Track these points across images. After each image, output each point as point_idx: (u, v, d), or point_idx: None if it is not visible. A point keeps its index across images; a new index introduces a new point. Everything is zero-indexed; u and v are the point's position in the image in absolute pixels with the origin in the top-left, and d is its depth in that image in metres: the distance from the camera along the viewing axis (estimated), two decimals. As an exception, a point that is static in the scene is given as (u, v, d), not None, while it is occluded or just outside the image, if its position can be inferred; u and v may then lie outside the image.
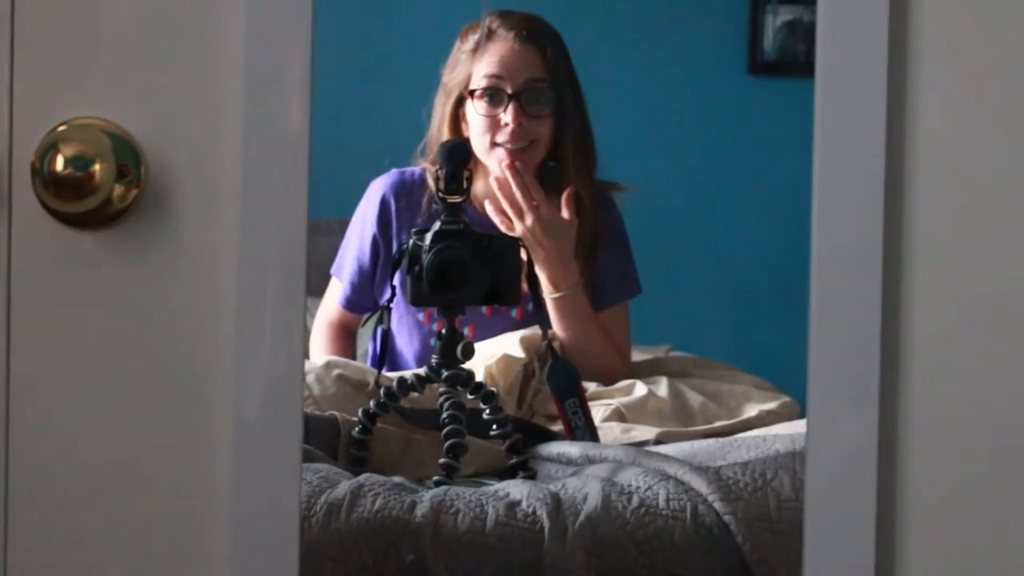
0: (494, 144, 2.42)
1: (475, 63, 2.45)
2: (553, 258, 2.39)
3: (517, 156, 2.42)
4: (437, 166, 2.00)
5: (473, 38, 2.48)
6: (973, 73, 1.24)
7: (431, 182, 2.47)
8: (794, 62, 3.99)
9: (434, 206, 2.02)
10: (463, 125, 2.47)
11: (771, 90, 3.97)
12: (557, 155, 2.47)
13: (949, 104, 1.24)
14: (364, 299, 2.55)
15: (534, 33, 2.46)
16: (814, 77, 1.24)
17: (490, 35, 2.46)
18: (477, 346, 2.27)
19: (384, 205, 2.52)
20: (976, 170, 1.25)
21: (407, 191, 2.51)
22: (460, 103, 2.47)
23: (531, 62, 2.44)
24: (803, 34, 3.98)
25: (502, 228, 2.38)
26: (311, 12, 1.23)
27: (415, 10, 3.92)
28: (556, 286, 2.40)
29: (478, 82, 2.44)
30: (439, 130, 2.49)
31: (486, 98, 2.43)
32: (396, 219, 2.50)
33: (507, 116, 2.41)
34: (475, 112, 2.44)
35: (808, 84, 1.25)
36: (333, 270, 2.63)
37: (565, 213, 2.39)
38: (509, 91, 2.42)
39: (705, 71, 4.00)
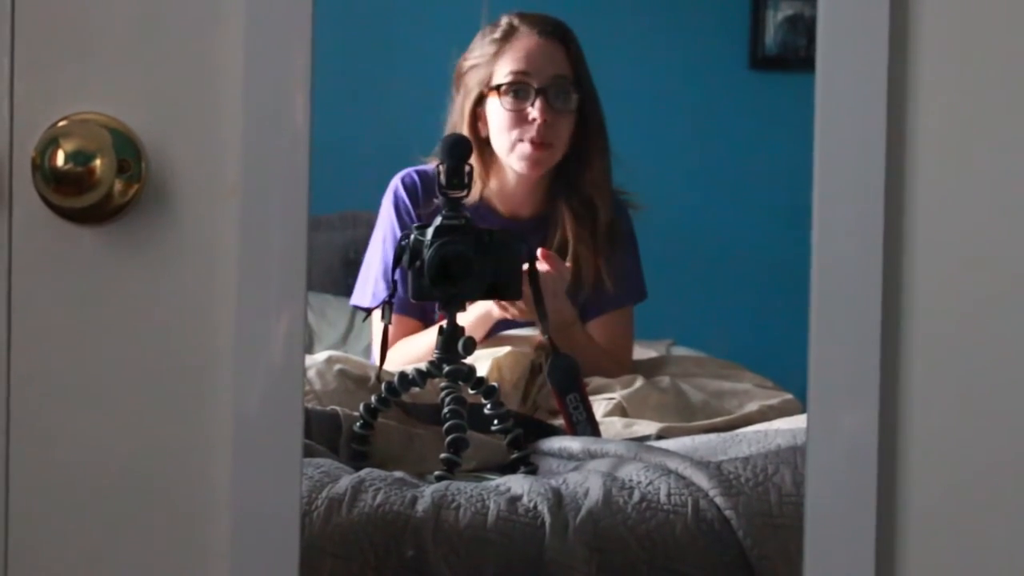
0: (519, 140, 2.42)
1: (498, 60, 2.45)
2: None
3: (540, 151, 2.42)
4: (438, 161, 2.00)
5: (493, 37, 2.47)
6: (974, 68, 1.24)
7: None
8: (795, 57, 4.00)
9: (435, 200, 2.02)
10: (480, 124, 2.47)
11: (772, 85, 3.98)
12: (577, 154, 2.47)
13: (950, 99, 1.24)
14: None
15: (557, 29, 2.48)
16: (815, 72, 1.24)
17: (512, 32, 2.47)
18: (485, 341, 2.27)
19: (403, 210, 2.51)
20: (977, 165, 1.24)
21: (427, 191, 2.50)
22: (480, 101, 2.47)
23: (556, 58, 2.45)
24: (804, 29, 3.98)
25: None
26: (312, 6, 1.23)
27: (417, 5, 3.92)
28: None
29: (503, 78, 2.43)
30: (457, 128, 2.48)
31: (511, 93, 2.43)
32: (425, 208, 2.49)
33: (534, 111, 2.41)
34: (500, 107, 2.44)
35: (809, 79, 1.25)
36: (360, 301, 2.54)
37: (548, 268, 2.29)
38: (536, 86, 2.42)
39: (706, 66, 4.01)
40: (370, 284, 2.53)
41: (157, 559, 1.25)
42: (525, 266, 2.06)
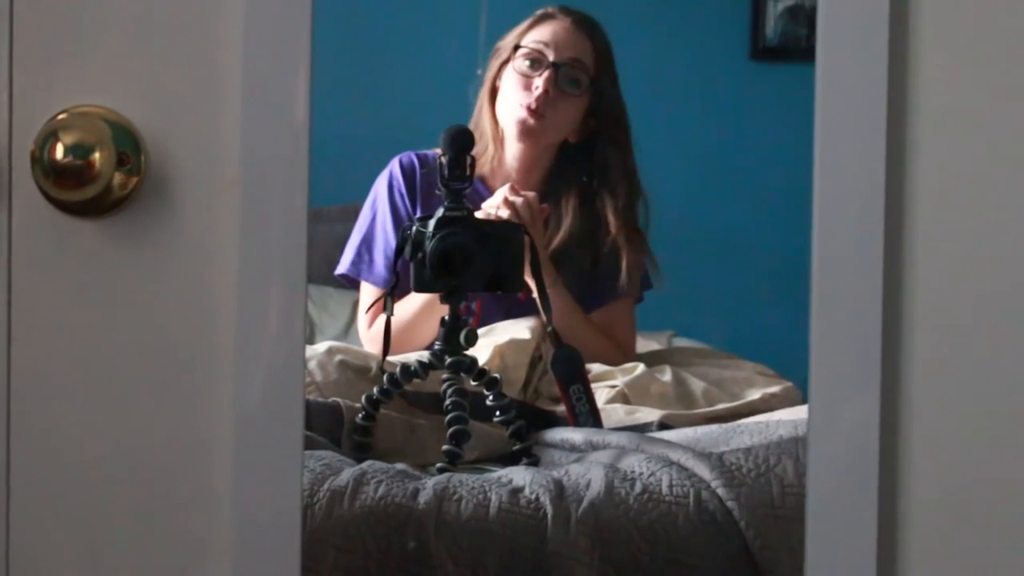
0: (520, 106, 2.44)
1: (527, 34, 2.51)
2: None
3: (534, 120, 2.44)
4: (441, 152, 2.00)
5: (530, 17, 2.53)
6: (975, 57, 1.24)
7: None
8: (796, 47, 3.99)
9: (437, 192, 2.02)
10: (498, 94, 2.51)
11: (773, 76, 3.97)
12: (586, 146, 2.48)
13: (950, 87, 1.24)
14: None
15: (589, 24, 2.53)
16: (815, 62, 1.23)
17: (548, 16, 2.53)
18: (484, 329, 2.27)
19: (395, 188, 2.53)
20: (978, 154, 1.24)
21: (424, 173, 2.53)
22: (501, 72, 2.52)
23: (580, 46, 2.50)
24: (804, 19, 3.97)
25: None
26: (311, -1, 1.23)
27: (417, -3, 3.92)
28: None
29: (526, 43, 2.49)
30: (479, 101, 2.53)
31: (528, 60, 2.48)
32: (420, 191, 2.52)
33: (540, 80, 2.44)
34: (512, 70, 2.49)
35: (810, 69, 1.25)
36: (350, 271, 2.58)
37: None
38: (551, 59, 2.46)
39: (707, 57, 4.00)
40: (348, 252, 2.55)
41: (159, 552, 1.25)
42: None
